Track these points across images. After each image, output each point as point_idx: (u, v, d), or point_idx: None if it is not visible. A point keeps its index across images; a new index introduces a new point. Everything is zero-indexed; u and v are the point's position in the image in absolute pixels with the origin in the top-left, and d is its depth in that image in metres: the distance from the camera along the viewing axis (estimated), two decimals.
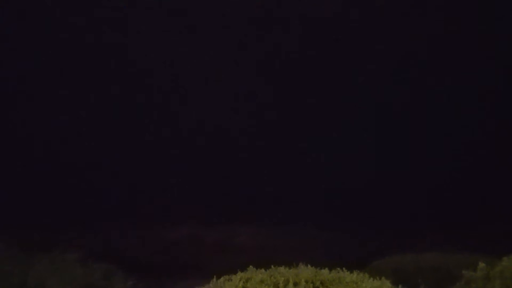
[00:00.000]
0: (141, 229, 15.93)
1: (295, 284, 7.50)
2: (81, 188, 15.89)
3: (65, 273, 9.27)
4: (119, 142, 16.76)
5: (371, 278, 7.80)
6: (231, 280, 7.70)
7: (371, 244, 13.77)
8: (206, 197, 16.86)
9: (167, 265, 13.83)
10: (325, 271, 8.04)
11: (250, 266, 8.14)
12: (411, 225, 14.74)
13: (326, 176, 16.00)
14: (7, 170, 15.66)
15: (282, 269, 8.12)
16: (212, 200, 16.69)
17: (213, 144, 17.28)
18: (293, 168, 16.73)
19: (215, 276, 7.79)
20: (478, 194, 14.98)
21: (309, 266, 8.28)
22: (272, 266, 8.21)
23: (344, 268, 8.04)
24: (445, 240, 13.29)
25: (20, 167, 16.04)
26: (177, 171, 17.12)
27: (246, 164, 16.62)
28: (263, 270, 8.05)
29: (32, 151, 16.43)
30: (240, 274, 7.86)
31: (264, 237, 15.60)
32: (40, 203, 15.26)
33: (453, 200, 15.09)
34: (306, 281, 7.54)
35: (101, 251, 12.12)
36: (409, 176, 15.80)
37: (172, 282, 12.28)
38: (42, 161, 16.21)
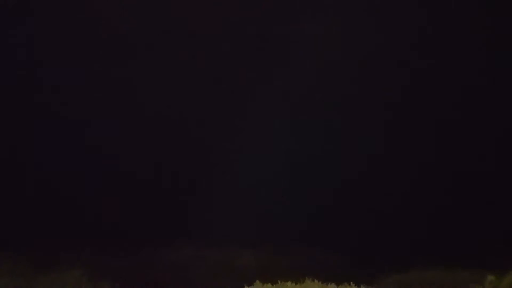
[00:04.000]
0: (145, 247, 15.94)
1: None
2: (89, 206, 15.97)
3: None
4: (125, 162, 16.87)
5: None
6: None
7: (376, 261, 13.75)
8: (209, 216, 16.88)
9: (173, 283, 13.81)
10: (332, 285, 8.07)
11: (257, 281, 8.16)
12: (415, 242, 14.71)
13: (333, 193, 16.02)
14: (14, 185, 15.76)
15: (289, 284, 8.13)
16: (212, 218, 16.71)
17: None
18: (295, 181, 16.76)
19: None
20: (484, 209, 14.96)
21: (315, 281, 8.30)
22: (279, 281, 8.23)
23: (352, 283, 8.07)
24: (451, 256, 13.25)
25: (26, 183, 16.13)
26: (182, 190, 17.17)
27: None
28: (269, 285, 8.07)
29: (39, 168, 16.53)
30: None
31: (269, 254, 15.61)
32: (47, 219, 15.30)
33: (458, 216, 15.07)
34: None
35: (107, 268, 12.13)
36: (414, 194, 15.81)
37: None
38: (48, 176, 16.31)
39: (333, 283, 8.05)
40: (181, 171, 17.37)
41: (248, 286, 8.02)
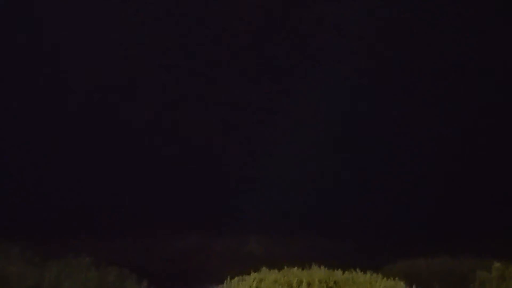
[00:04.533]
0: (152, 235, 16.03)
1: (309, 284, 7.52)
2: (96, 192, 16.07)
3: (80, 275, 9.37)
4: (130, 149, 16.93)
5: (385, 279, 7.81)
6: (245, 280, 7.74)
7: (383, 248, 13.76)
8: (217, 204, 16.93)
9: (181, 270, 13.89)
10: (339, 272, 8.07)
11: (264, 267, 8.19)
12: (423, 229, 14.72)
13: (339, 180, 16.03)
14: (22, 174, 15.87)
15: (295, 270, 8.16)
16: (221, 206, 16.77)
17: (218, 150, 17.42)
18: (306, 172, 16.79)
19: (229, 277, 7.83)
20: (490, 197, 14.94)
21: (322, 267, 8.32)
22: (285, 267, 8.25)
23: (357, 269, 8.07)
24: (458, 244, 13.23)
25: (34, 171, 16.25)
26: (192, 179, 17.25)
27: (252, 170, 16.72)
28: (276, 270, 8.10)
29: (45, 156, 16.62)
30: (253, 275, 7.91)
31: (277, 241, 15.64)
32: (55, 207, 15.42)
33: (464, 204, 15.06)
34: (320, 281, 7.57)
35: (114, 255, 12.22)
36: (421, 181, 15.80)
37: (187, 285, 12.37)
38: (56, 165, 16.40)
39: (339, 270, 8.06)
40: (188, 161, 17.43)
41: (255, 272, 8.04)
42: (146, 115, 17.56)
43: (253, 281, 7.65)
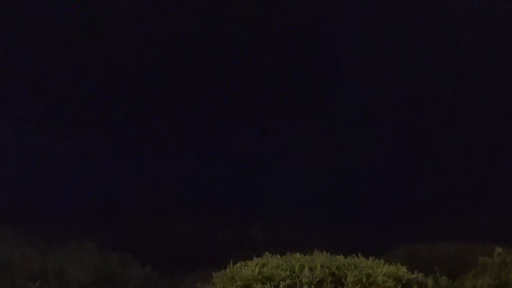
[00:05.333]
0: (154, 222, 16.11)
1: (311, 269, 7.55)
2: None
3: (83, 261, 9.45)
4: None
5: (387, 264, 7.84)
6: (247, 265, 7.77)
7: (385, 234, 13.81)
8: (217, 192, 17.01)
9: (183, 255, 13.97)
10: (341, 257, 8.10)
11: (266, 252, 8.21)
12: (425, 215, 14.76)
13: (339, 169, 16.07)
14: (29, 164, 15.97)
15: (297, 255, 8.19)
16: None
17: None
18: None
19: (231, 262, 7.85)
20: (491, 184, 14.97)
21: (324, 252, 8.34)
22: (288, 253, 8.28)
23: (359, 254, 8.10)
24: (460, 230, 13.27)
25: (38, 162, 16.33)
26: (195, 169, 17.32)
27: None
28: (278, 256, 8.13)
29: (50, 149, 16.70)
30: (256, 260, 7.94)
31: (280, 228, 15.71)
32: (61, 194, 15.52)
33: (466, 189, 15.09)
34: (322, 266, 7.59)
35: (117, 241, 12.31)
36: (424, 167, 15.81)
37: (189, 270, 12.45)
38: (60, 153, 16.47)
39: (341, 255, 8.09)
40: (197, 148, 17.52)
41: (257, 257, 8.07)
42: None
43: (255, 266, 7.68)
